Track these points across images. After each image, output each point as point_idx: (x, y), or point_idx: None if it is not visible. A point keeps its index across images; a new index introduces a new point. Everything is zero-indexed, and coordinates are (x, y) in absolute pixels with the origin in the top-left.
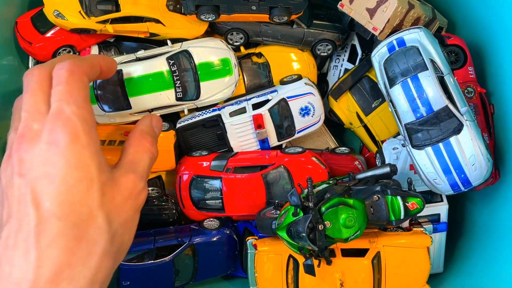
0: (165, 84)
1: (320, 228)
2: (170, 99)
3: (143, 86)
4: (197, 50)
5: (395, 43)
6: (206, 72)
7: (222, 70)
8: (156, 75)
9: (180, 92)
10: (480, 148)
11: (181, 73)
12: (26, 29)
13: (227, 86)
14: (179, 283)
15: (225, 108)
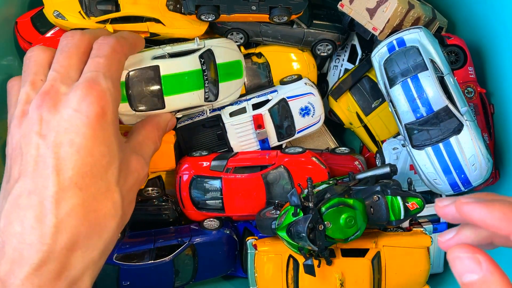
0: (198, 83)
1: (320, 228)
2: (200, 99)
3: (179, 85)
4: (218, 50)
5: (395, 43)
6: (224, 73)
7: (235, 72)
8: (191, 74)
9: (207, 93)
10: (480, 148)
11: (208, 72)
12: (26, 29)
13: (238, 88)
14: (179, 283)
15: (225, 108)
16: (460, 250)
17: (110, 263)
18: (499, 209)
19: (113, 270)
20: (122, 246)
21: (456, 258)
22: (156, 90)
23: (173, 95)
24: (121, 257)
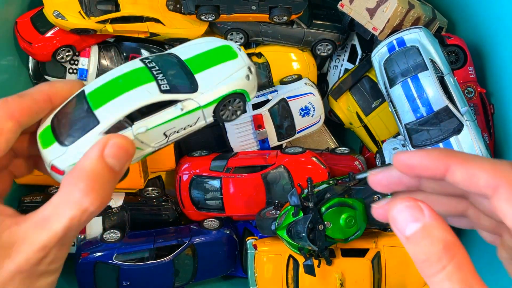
0: (142, 79)
1: (320, 228)
2: (152, 93)
3: (112, 91)
4: (180, 49)
5: (395, 43)
6: (198, 64)
7: (221, 56)
8: (130, 74)
9: (163, 82)
10: (480, 148)
11: (160, 65)
12: (26, 29)
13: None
14: (179, 283)
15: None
16: (402, 202)
17: (110, 263)
18: (435, 150)
19: (113, 270)
20: (122, 246)
21: (399, 211)
22: (84, 111)
23: (106, 103)
24: (121, 257)
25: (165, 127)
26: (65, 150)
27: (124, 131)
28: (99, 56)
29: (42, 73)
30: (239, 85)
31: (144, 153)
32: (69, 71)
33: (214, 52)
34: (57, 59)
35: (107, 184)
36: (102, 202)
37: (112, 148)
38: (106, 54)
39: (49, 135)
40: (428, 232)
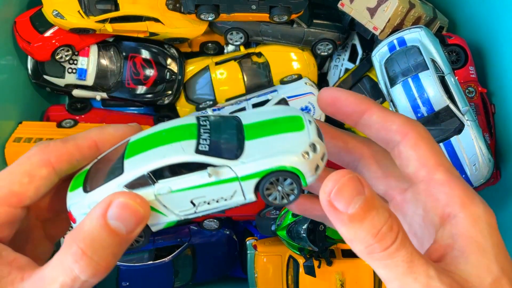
0: (186, 135)
1: (320, 228)
2: (186, 151)
3: (149, 143)
4: (245, 113)
5: (395, 42)
6: (256, 131)
7: (285, 126)
8: (177, 129)
9: (203, 144)
10: (481, 148)
11: (210, 125)
12: (25, 29)
13: (295, 143)
14: (179, 283)
15: (225, 108)
16: (340, 175)
17: None
18: (357, 94)
19: (112, 270)
20: None
21: (342, 188)
22: (118, 159)
23: (138, 154)
24: None
25: (193, 194)
26: (84, 196)
27: (145, 188)
28: (98, 55)
29: (41, 73)
30: (291, 162)
31: (167, 220)
32: (68, 71)
33: (280, 121)
34: (56, 58)
35: (106, 250)
36: (97, 270)
37: (116, 208)
38: (105, 54)
39: (80, 179)
40: (372, 203)
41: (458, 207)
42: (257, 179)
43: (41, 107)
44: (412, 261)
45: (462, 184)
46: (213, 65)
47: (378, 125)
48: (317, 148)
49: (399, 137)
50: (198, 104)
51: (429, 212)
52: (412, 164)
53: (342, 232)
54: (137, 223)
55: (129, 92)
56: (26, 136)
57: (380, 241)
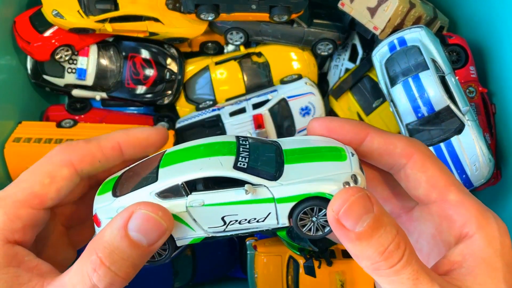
0: (224, 151)
1: None
2: (224, 166)
3: (187, 154)
4: (289, 140)
5: (396, 42)
6: (296, 156)
7: (327, 155)
8: (216, 145)
9: (242, 161)
10: (481, 148)
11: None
12: (25, 28)
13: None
14: (179, 284)
15: (225, 108)
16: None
17: None
18: (353, 119)
19: None
20: None
21: (349, 207)
22: (152, 168)
23: (174, 164)
24: None
25: (225, 210)
26: (112, 201)
27: (178, 199)
28: (98, 55)
29: (40, 73)
30: (331, 190)
31: (194, 235)
32: (68, 71)
33: (322, 149)
34: (55, 58)
35: (126, 261)
36: (115, 281)
37: (137, 220)
38: (105, 54)
39: (110, 184)
40: (380, 221)
41: (475, 228)
42: (293, 203)
43: (40, 107)
44: (418, 279)
45: (476, 204)
46: (213, 65)
47: (381, 150)
48: (358, 180)
49: (404, 160)
50: (198, 104)
51: (443, 232)
52: (422, 186)
53: (348, 248)
54: (159, 236)
55: (129, 92)
56: (26, 136)
57: (386, 259)
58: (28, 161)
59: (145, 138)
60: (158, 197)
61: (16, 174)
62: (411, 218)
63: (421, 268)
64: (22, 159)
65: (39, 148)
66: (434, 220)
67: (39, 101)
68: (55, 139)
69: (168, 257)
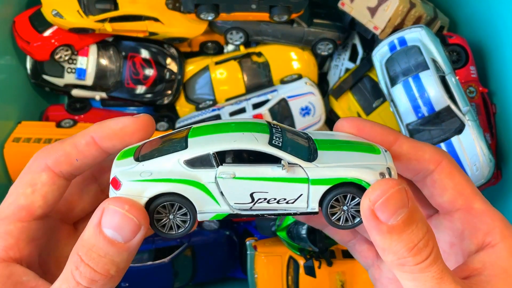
0: (257, 128)
1: None
2: (259, 141)
3: (217, 128)
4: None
5: (396, 42)
6: (330, 145)
7: (361, 147)
8: (247, 124)
9: (277, 138)
10: (482, 148)
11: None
12: (24, 28)
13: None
14: (178, 284)
15: (225, 108)
16: (387, 186)
17: None
18: (382, 124)
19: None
20: None
21: (388, 199)
22: (179, 139)
23: (204, 135)
24: None
25: (256, 186)
26: (135, 165)
27: (207, 169)
28: (97, 55)
29: (40, 73)
30: (366, 177)
31: (218, 210)
32: (68, 71)
33: (355, 143)
34: (55, 58)
35: (103, 258)
36: (95, 277)
37: (108, 216)
38: (104, 54)
39: (131, 151)
40: (414, 217)
41: (499, 238)
42: (327, 186)
43: (40, 107)
44: (442, 278)
45: (500, 215)
46: (213, 64)
47: (410, 155)
48: (392, 174)
49: (432, 166)
50: (198, 104)
51: (465, 239)
52: (448, 192)
53: (375, 240)
54: (133, 232)
55: (129, 92)
56: (25, 136)
57: (414, 256)
58: (27, 161)
59: (120, 129)
60: (186, 164)
61: (15, 174)
62: None
63: (445, 269)
64: (21, 159)
65: (39, 148)
66: (455, 227)
67: (39, 101)
68: (55, 139)
69: (187, 231)
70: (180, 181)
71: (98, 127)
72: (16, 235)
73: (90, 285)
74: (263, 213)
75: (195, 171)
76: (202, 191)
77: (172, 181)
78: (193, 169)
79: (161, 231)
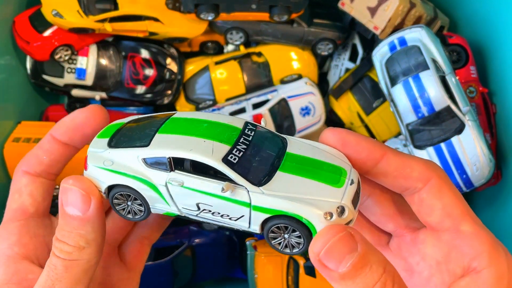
0: (223, 137)
1: None
2: (208, 153)
3: (187, 128)
4: (297, 143)
5: (396, 42)
6: (295, 166)
7: (325, 175)
8: (219, 126)
9: (233, 154)
10: (482, 148)
11: (254, 138)
12: (24, 28)
13: (323, 198)
14: (178, 284)
15: (225, 108)
16: (330, 234)
17: None
18: (369, 138)
19: None
20: None
21: (331, 249)
22: (153, 128)
23: (171, 134)
24: None
25: (201, 198)
26: (103, 150)
27: (160, 171)
28: (97, 55)
29: (40, 73)
30: (308, 215)
31: (169, 209)
32: (68, 71)
33: (322, 165)
34: (55, 58)
35: (71, 233)
36: (68, 252)
37: (63, 195)
38: (104, 54)
39: (112, 130)
40: (365, 260)
41: (485, 263)
42: (268, 215)
43: (40, 107)
44: None
45: (489, 237)
46: (212, 64)
47: (397, 172)
48: (345, 213)
49: (420, 184)
50: (198, 104)
51: (450, 261)
52: (436, 213)
53: (334, 286)
54: (86, 203)
55: (129, 92)
56: (25, 136)
57: None
58: None
59: (71, 121)
60: (144, 162)
61: None
62: (416, 240)
63: None
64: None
65: None
66: (442, 247)
67: (39, 101)
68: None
69: (143, 218)
70: (135, 177)
71: (56, 125)
72: (17, 232)
73: (67, 257)
74: (209, 221)
75: (150, 170)
76: (154, 190)
77: (128, 176)
78: (148, 168)
79: (120, 213)
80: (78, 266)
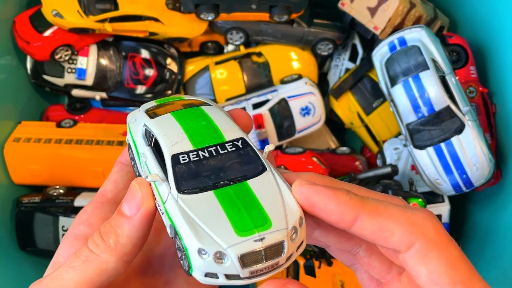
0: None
1: None
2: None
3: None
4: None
5: (396, 42)
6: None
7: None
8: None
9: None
10: (482, 148)
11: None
12: (24, 28)
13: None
14: None
15: (224, 108)
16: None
17: None
18: (344, 192)
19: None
20: None
21: None
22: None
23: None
24: None
25: (147, 170)
26: (145, 120)
27: (145, 142)
28: (98, 55)
29: (40, 73)
30: (188, 242)
31: (141, 172)
32: (68, 71)
33: (257, 209)
34: (55, 58)
35: (110, 227)
36: (97, 244)
37: (128, 191)
38: (105, 54)
39: (160, 102)
40: None
41: None
42: (170, 223)
43: (40, 107)
44: None
45: None
46: (213, 64)
47: (373, 236)
48: (224, 260)
49: (404, 248)
50: None
51: None
52: (420, 279)
53: None
54: (136, 205)
55: (129, 92)
56: (25, 136)
57: None
58: (27, 161)
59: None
60: (144, 130)
61: (16, 174)
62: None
63: None
64: (22, 159)
65: (39, 148)
66: None
67: (39, 101)
68: (55, 139)
69: None
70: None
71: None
72: (89, 212)
73: (93, 249)
74: None
75: (142, 140)
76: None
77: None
78: (142, 139)
79: None
80: (95, 263)
